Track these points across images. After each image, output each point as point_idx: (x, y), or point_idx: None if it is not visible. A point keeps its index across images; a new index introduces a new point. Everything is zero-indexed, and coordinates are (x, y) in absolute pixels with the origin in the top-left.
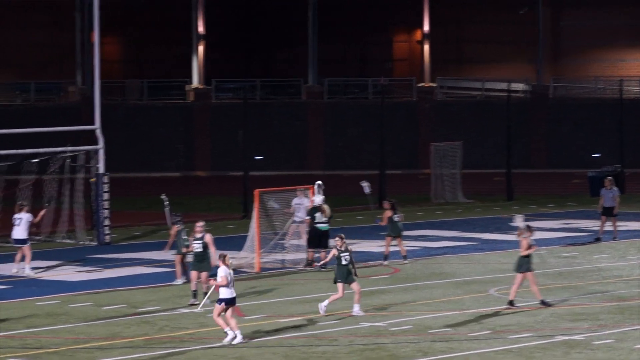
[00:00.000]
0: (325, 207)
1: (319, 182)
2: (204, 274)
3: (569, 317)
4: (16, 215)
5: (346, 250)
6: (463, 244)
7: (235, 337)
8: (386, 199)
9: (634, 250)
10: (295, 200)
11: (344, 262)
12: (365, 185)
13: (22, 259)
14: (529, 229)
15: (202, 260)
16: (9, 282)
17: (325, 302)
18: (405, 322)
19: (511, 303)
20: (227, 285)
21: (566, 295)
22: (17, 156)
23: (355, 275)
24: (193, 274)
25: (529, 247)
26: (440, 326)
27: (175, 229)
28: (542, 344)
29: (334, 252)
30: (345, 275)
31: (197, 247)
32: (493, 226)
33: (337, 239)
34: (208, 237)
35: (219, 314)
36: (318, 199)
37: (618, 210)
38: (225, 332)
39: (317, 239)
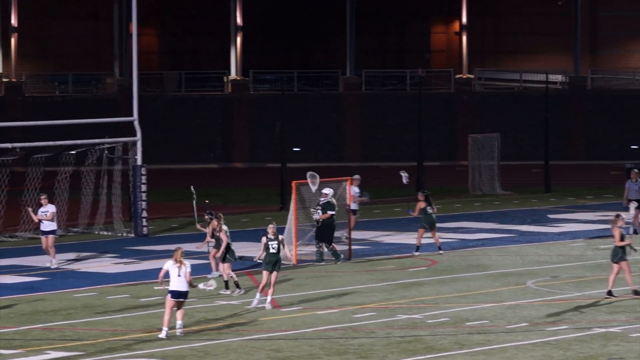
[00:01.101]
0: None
1: (311, 172)
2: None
3: (606, 310)
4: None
5: (276, 239)
6: (500, 236)
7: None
8: (420, 190)
9: None
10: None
11: (272, 251)
12: (404, 176)
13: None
14: (620, 217)
15: (276, 262)
16: (46, 274)
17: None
18: (442, 314)
19: (610, 293)
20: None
21: (602, 287)
22: (55, 148)
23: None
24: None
25: (622, 237)
26: (478, 318)
27: (215, 223)
28: (580, 337)
29: (264, 239)
30: (273, 263)
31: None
32: (530, 218)
33: (269, 226)
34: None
35: (171, 307)
36: (331, 192)
37: None
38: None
39: (332, 233)
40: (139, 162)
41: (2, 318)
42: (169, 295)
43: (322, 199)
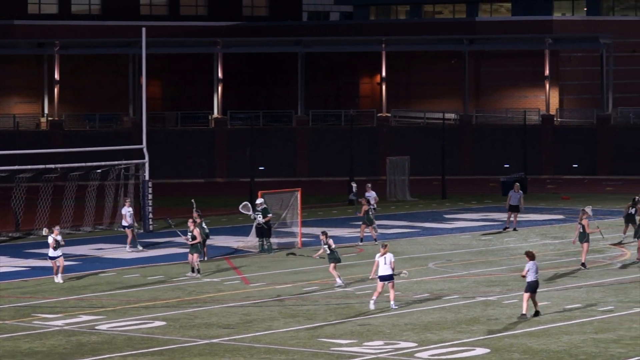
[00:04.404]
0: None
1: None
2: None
3: (486, 284)
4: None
5: (326, 243)
6: (409, 231)
7: None
8: (364, 197)
9: (533, 234)
10: (367, 194)
11: (328, 251)
12: (354, 186)
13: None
14: (586, 213)
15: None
16: (79, 259)
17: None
18: (367, 287)
19: (583, 265)
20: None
21: (484, 267)
22: (86, 167)
23: None
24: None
25: (587, 226)
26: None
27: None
28: (467, 303)
29: (322, 239)
30: (333, 258)
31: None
32: (431, 217)
33: (321, 235)
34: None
35: (382, 287)
36: (263, 200)
37: (522, 207)
38: None
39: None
40: (147, 177)
41: (47, 291)
42: (379, 278)
43: (259, 207)
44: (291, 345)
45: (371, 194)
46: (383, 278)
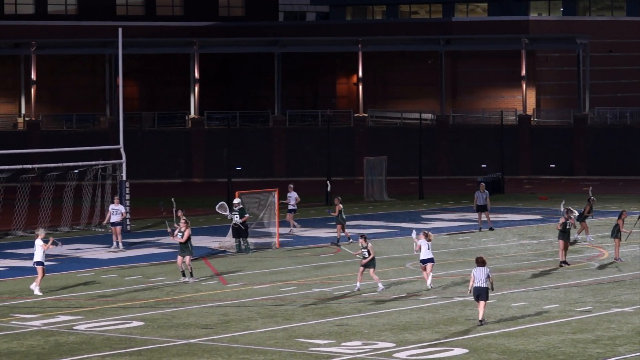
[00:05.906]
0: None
1: (221, 203)
2: None
3: (464, 284)
4: (113, 206)
5: (366, 247)
6: (387, 231)
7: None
8: (336, 197)
9: (510, 234)
10: (288, 194)
11: (365, 255)
12: (329, 185)
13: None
14: (567, 212)
15: (370, 261)
16: (57, 259)
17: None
18: (345, 288)
19: (564, 263)
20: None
21: (462, 268)
22: (64, 168)
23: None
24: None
25: (565, 223)
26: (370, 291)
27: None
28: (445, 304)
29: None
30: (369, 262)
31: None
32: (408, 218)
33: (360, 240)
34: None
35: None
36: (240, 201)
37: (490, 206)
38: None
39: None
40: (124, 178)
41: (25, 291)
42: (421, 262)
43: (236, 207)
44: (269, 346)
45: (292, 195)
46: (425, 261)
